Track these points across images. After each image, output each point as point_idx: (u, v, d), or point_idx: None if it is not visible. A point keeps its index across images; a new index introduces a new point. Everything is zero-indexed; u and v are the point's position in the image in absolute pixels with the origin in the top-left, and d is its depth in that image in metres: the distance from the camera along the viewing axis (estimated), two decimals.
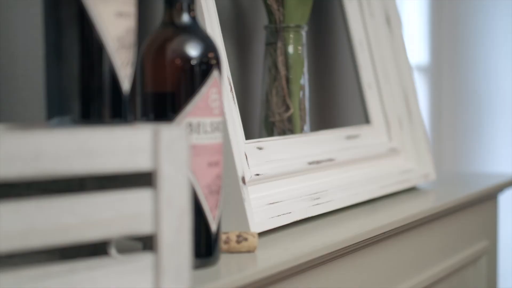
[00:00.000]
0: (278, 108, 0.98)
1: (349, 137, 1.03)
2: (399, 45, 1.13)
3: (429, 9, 2.30)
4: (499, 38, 2.25)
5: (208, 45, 0.66)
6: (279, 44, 0.98)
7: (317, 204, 0.87)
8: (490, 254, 1.26)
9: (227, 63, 0.82)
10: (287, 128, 0.98)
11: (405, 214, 0.94)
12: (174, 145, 0.57)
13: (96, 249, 0.65)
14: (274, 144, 0.88)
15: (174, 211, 0.57)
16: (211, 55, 0.66)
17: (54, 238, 0.52)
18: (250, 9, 1.09)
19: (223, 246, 0.71)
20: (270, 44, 0.99)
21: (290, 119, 0.98)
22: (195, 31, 0.67)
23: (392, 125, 1.11)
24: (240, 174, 0.76)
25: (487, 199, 1.24)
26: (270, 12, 0.98)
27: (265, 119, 0.99)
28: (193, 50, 0.65)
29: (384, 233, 0.89)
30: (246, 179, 0.79)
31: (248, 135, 1.03)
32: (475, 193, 1.14)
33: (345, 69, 1.28)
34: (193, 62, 0.65)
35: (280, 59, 0.98)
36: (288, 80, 0.98)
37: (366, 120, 1.10)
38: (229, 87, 0.80)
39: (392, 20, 1.14)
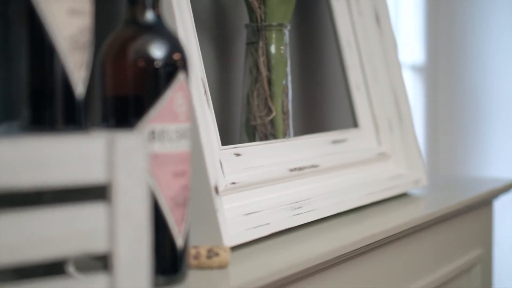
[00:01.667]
0: (259, 111, 0.93)
1: (335, 142, 0.98)
2: (389, 45, 1.08)
3: (425, 8, 2.25)
4: (496, 37, 2.21)
5: (174, 46, 0.61)
6: (261, 44, 0.93)
7: (298, 214, 0.82)
8: (484, 262, 1.21)
9: (202, 64, 0.77)
10: (269, 132, 0.93)
11: (394, 223, 0.89)
12: (131, 155, 0.52)
13: (55, 268, 0.60)
14: (253, 150, 0.83)
15: (131, 227, 0.52)
16: (177, 56, 0.61)
17: None
18: (230, 7, 1.04)
19: (192, 261, 0.66)
20: (251, 44, 0.94)
21: (272, 123, 0.93)
22: (160, 30, 0.62)
23: (382, 129, 1.06)
24: (212, 184, 0.71)
25: (482, 205, 1.19)
26: (251, 10, 0.93)
27: (246, 123, 0.94)
28: (157, 51, 0.60)
29: (370, 244, 0.84)
30: (220, 189, 0.74)
31: (229, 140, 0.98)
32: (469, 199, 1.09)
33: (332, 70, 1.22)
34: (157, 64, 0.60)
35: (261, 60, 0.93)
36: (270, 81, 0.93)
37: (354, 123, 1.05)
38: (203, 89, 0.75)
39: (381, 19, 1.09)
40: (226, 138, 1.00)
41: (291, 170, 0.86)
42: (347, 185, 0.94)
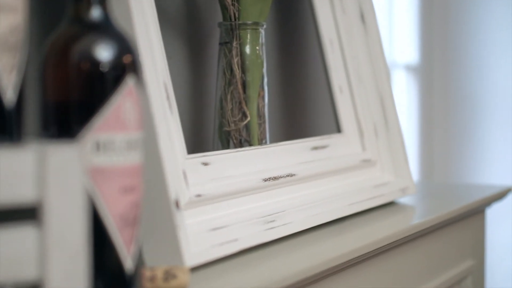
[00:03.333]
0: (233, 116, 0.86)
1: (315, 148, 0.91)
2: (375, 44, 1.02)
3: (419, 6, 2.19)
4: (493, 36, 2.15)
5: (122, 47, 0.55)
6: (235, 44, 0.87)
7: (271, 228, 0.75)
8: (476, 274, 1.15)
9: (166, 66, 0.71)
10: (244, 138, 0.87)
11: (378, 235, 0.83)
12: (65, 170, 0.46)
13: None
14: (224, 159, 0.77)
15: (65, 252, 0.46)
16: (126, 58, 0.55)
17: None
18: (204, 4, 0.98)
19: (147, 285, 0.60)
20: (225, 44, 0.87)
21: (247, 129, 0.87)
22: (108, 29, 0.55)
23: (366, 133, 1.00)
24: (172, 197, 0.65)
25: (474, 213, 1.13)
26: (224, 8, 0.87)
27: (219, 128, 0.87)
28: (103, 52, 0.54)
29: (352, 259, 0.77)
30: (183, 202, 0.67)
31: (203, 147, 0.92)
32: (459, 209, 1.02)
33: (314, 71, 1.16)
34: (103, 67, 0.53)
35: (235, 60, 0.86)
36: (244, 84, 0.87)
37: (337, 128, 0.99)
38: (165, 94, 0.69)
39: (366, 17, 1.02)
40: (200, 146, 0.94)
41: (265, 180, 0.79)
42: (327, 195, 0.88)
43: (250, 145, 0.87)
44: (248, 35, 0.87)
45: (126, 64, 0.55)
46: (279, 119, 1.10)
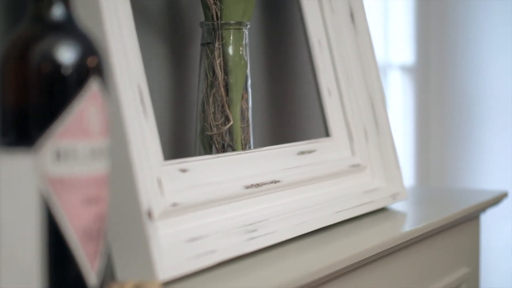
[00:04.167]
0: (215, 120, 0.83)
1: (302, 153, 0.88)
2: (365, 45, 0.98)
3: (415, 6, 2.16)
4: (490, 36, 2.11)
5: (87, 48, 0.51)
6: (217, 44, 0.83)
7: (253, 238, 0.72)
8: (471, 282, 1.11)
9: (141, 68, 0.67)
10: (227, 143, 0.83)
11: (367, 244, 0.79)
12: (18, 181, 0.43)
13: None
14: (203, 165, 0.73)
15: (16, 269, 0.43)
16: (90, 60, 0.51)
17: None
18: (186, 3, 0.94)
19: None
20: (207, 44, 0.84)
21: (230, 133, 0.83)
22: (71, 29, 0.52)
23: (356, 137, 0.96)
24: (145, 207, 0.61)
25: (468, 219, 1.09)
26: (205, 6, 0.83)
27: (201, 133, 0.84)
28: (65, 54, 0.50)
29: (339, 270, 0.74)
30: (157, 212, 0.64)
31: (186, 153, 0.89)
32: (453, 215, 0.99)
33: (302, 73, 1.12)
34: (65, 69, 0.50)
35: (218, 62, 0.83)
36: (227, 86, 0.83)
37: (325, 132, 0.95)
38: (139, 98, 0.65)
39: (356, 16, 0.99)
40: (182, 151, 0.90)
41: (247, 187, 0.76)
42: (314, 202, 0.84)
43: (233, 150, 0.83)
44: (231, 35, 0.83)
45: (90, 67, 0.51)
46: (264, 122, 1.07)
